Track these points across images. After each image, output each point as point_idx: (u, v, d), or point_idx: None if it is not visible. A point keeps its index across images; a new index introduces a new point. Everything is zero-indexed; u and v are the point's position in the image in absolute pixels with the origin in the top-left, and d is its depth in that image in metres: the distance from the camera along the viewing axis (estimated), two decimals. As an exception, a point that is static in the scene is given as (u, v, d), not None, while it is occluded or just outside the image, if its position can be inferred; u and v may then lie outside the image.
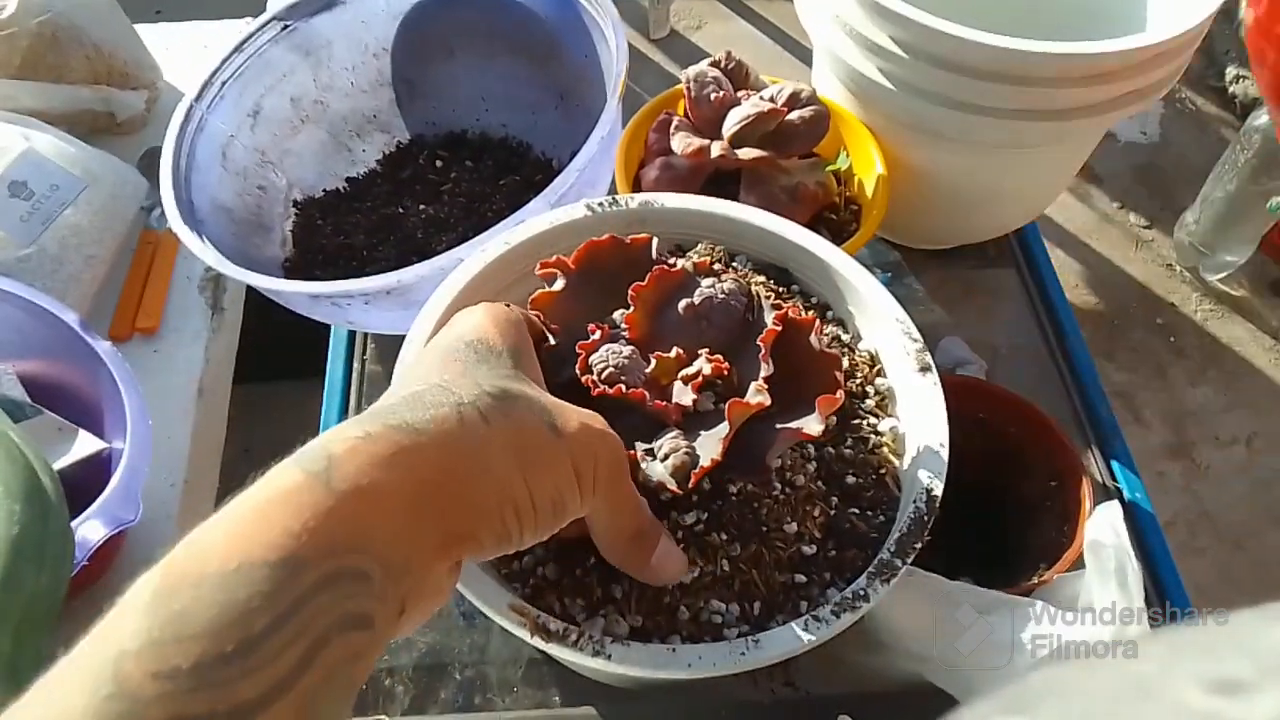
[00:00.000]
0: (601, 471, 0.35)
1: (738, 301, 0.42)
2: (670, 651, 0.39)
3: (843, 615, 0.40)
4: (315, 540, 0.28)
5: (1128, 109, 0.66)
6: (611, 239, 0.44)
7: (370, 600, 0.29)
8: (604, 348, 0.41)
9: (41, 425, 0.65)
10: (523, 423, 0.34)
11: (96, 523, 0.57)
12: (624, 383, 0.39)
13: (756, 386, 0.39)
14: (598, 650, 0.39)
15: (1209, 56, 1.88)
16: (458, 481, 0.32)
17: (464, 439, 0.32)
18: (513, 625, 0.40)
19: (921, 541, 0.42)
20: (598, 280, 0.44)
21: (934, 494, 0.43)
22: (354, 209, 0.83)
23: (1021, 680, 0.17)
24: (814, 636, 0.39)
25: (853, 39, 0.67)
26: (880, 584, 0.41)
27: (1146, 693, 0.15)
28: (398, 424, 0.31)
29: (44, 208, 0.77)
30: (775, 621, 0.41)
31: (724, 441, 0.38)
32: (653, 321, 0.42)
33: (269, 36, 0.77)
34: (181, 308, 0.85)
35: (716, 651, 0.39)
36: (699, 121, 0.68)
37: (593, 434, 0.35)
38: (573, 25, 0.76)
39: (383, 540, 0.29)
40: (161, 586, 0.27)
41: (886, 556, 0.42)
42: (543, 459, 0.34)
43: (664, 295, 0.42)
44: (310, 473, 0.29)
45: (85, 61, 0.91)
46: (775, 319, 0.40)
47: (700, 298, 0.42)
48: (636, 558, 0.39)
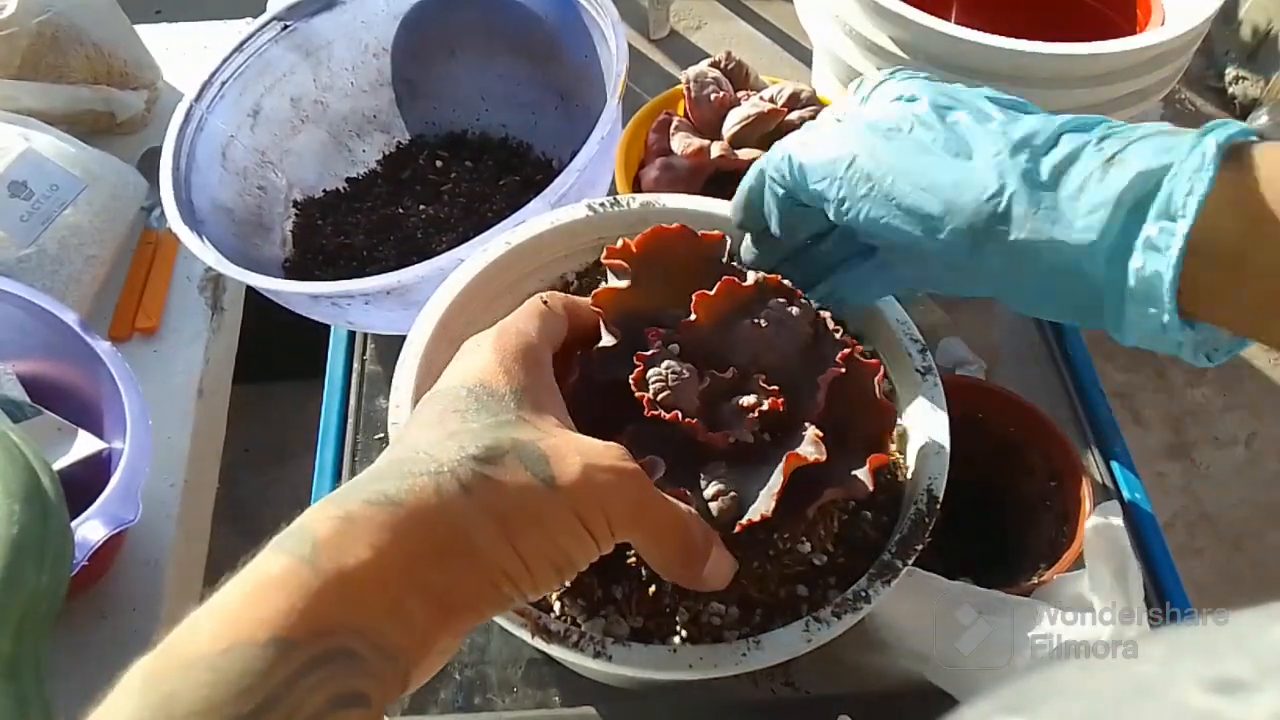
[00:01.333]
0: (617, 513, 0.34)
1: (803, 329, 0.40)
2: (671, 652, 0.39)
3: (844, 616, 0.40)
4: (304, 622, 0.28)
5: (1128, 109, 0.67)
6: (682, 229, 0.42)
7: (363, 679, 0.29)
8: (663, 364, 0.39)
9: (41, 425, 0.65)
10: (510, 484, 0.32)
11: (96, 523, 0.57)
12: (680, 409, 0.38)
13: (813, 437, 0.37)
14: (599, 651, 0.39)
15: (1208, 57, 1.88)
16: (441, 557, 0.31)
17: (442, 513, 0.31)
18: (514, 626, 0.40)
19: (923, 542, 0.42)
20: (661, 270, 0.42)
21: (935, 495, 0.43)
22: (354, 209, 0.83)
23: (1021, 680, 0.17)
24: (815, 638, 0.39)
25: (852, 39, 0.67)
26: (881, 585, 0.41)
27: (1146, 692, 0.15)
28: (377, 499, 0.31)
29: (44, 208, 0.77)
30: (776, 623, 0.41)
31: (775, 496, 0.36)
32: (713, 330, 0.40)
33: (269, 36, 0.77)
34: (181, 308, 0.85)
35: (718, 653, 0.39)
36: (699, 122, 0.68)
37: (599, 479, 0.33)
38: (573, 25, 0.76)
39: (373, 619, 0.29)
40: (153, 670, 0.27)
41: (888, 557, 0.42)
42: (535, 520, 0.32)
43: (731, 306, 0.41)
44: (296, 556, 0.29)
45: (85, 61, 0.91)
46: (840, 358, 0.39)
47: (767, 320, 0.40)
48: (689, 573, 0.37)
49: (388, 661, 0.30)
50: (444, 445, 0.33)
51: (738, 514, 0.37)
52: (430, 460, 0.32)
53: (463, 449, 0.32)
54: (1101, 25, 0.75)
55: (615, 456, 0.34)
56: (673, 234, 0.42)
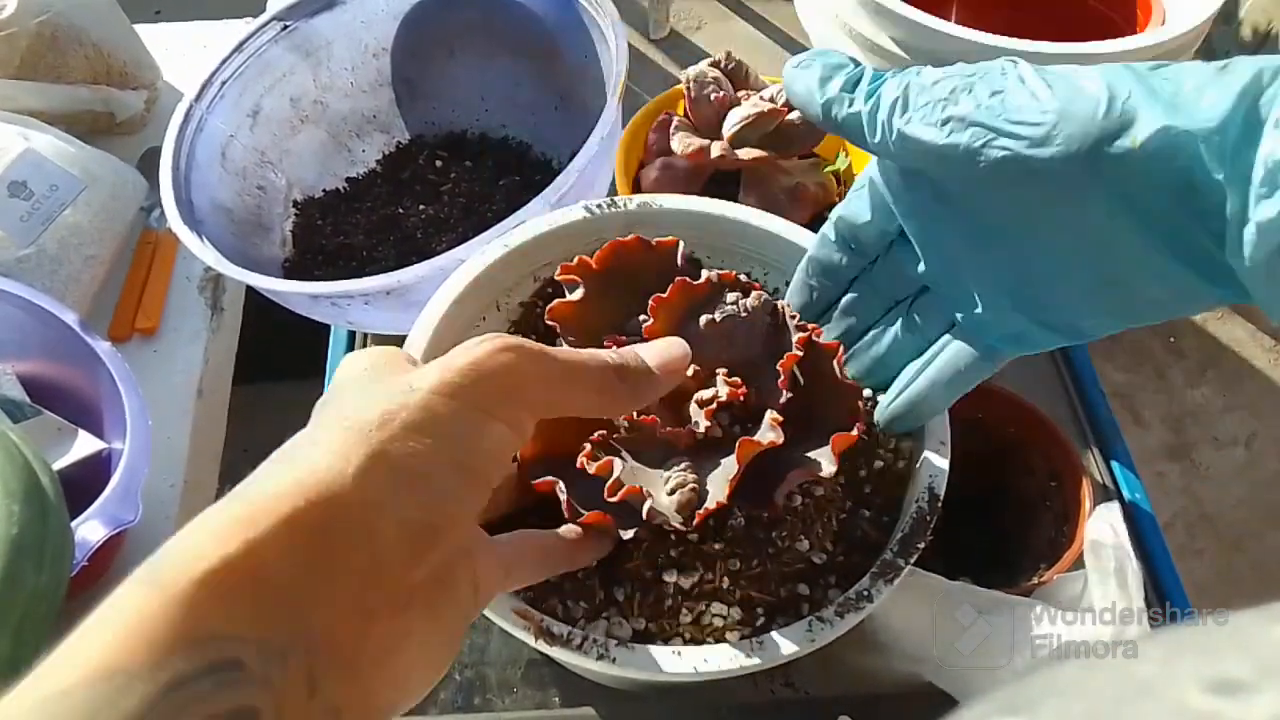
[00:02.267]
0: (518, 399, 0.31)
1: (760, 320, 0.41)
2: (675, 655, 0.39)
3: (847, 615, 0.40)
4: (147, 648, 0.24)
5: (1127, 109, 0.66)
6: (637, 239, 0.43)
7: (243, 689, 0.25)
8: None
9: (41, 425, 0.65)
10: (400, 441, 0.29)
11: (96, 523, 0.57)
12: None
13: (770, 421, 0.38)
14: (602, 654, 0.39)
15: (1208, 57, 1.87)
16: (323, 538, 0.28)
17: (319, 492, 0.28)
18: (517, 629, 0.40)
19: (924, 541, 0.42)
20: (621, 282, 0.42)
21: (936, 493, 0.43)
22: (354, 209, 0.83)
23: (1021, 680, 0.17)
24: (819, 638, 0.39)
25: (853, 39, 0.67)
26: (884, 584, 0.41)
27: (1146, 693, 0.15)
28: (239, 493, 0.28)
29: (43, 208, 0.77)
30: (777, 623, 0.41)
31: (731, 483, 0.37)
32: (673, 333, 0.41)
33: (269, 36, 0.77)
34: (181, 308, 0.85)
35: (720, 654, 0.39)
36: (699, 122, 0.68)
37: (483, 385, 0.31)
38: (573, 25, 0.76)
39: (242, 623, 0.26)
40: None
41: (889, 557, 0.42)
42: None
43: (686, 307, 0.41)
44: (136, 578, 0.26)
45: (85, 61, 0.91)
46: (798, 343, 0.39)
47: (722, 314, 0.41)
48: (629, 401, 0.35)
49: (276, 666, 0.26)
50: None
51: (698, 504, 0.37)
52: (307, 440, 0.30)
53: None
54: (1101, 25, 0.75)
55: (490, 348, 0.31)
56: (630, 246, 0.43)
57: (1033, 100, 0.33)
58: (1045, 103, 0.33)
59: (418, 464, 0.29)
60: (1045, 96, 0.33)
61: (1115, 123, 0.32)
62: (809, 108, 0.39)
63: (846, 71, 0.38)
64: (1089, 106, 0.32)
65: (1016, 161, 0.33)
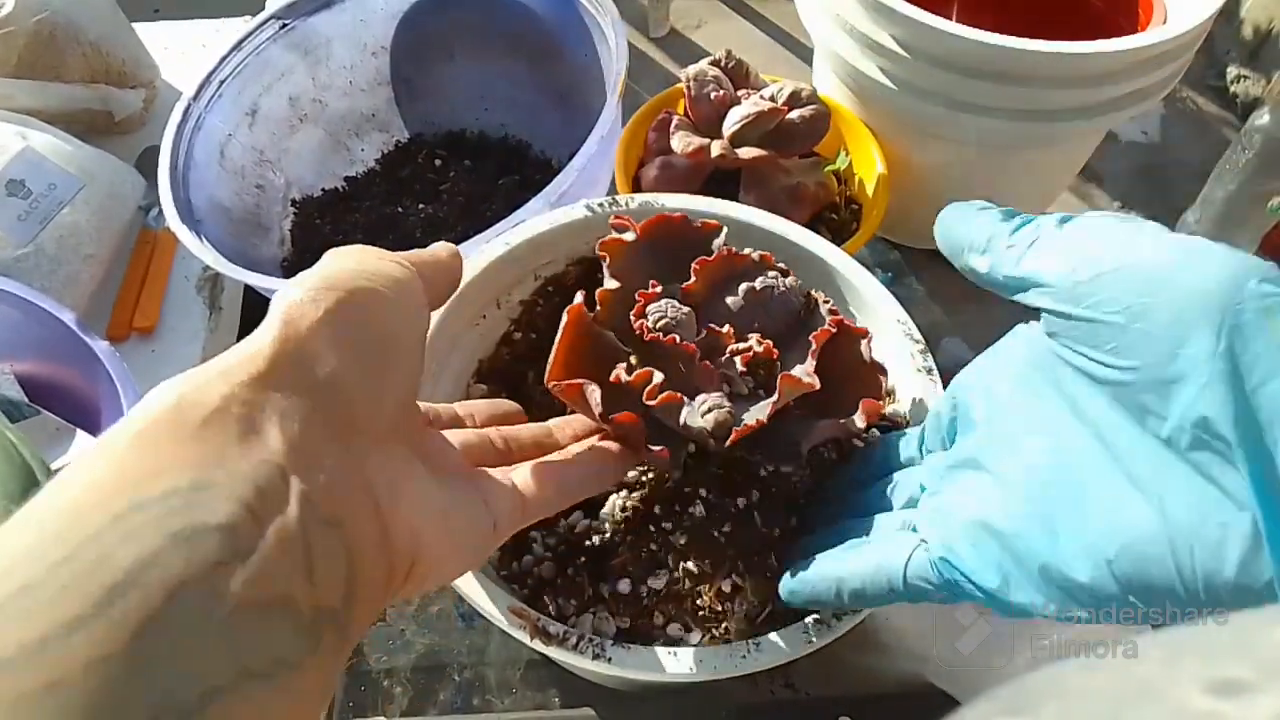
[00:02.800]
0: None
1: (795, 298, 0.42)
2: (671, 655, 0.39)
3: (844, 618, 0.40)
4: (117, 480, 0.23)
5: (1129, 109, 0.66)
6: (683, 217, 0.44)
7: (219, 505, 0.23)
8: (664, 300, 0.40)
9: (39, 425, 0.65)
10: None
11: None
12: (678, 333, 0.39)
13: (806, 369, 0.38)
14: (598, 654, 0.39)
15: (1210, 56, 1.87)
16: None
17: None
18: (513, 628, 0.40)
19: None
20: (660, 253, 0.43)
21: None
22: (352, 208, 0.82)
23: (1022, 680, 0.17)
24: (816, 640, 0.39)
25: (853, 38, 0.67)
26: None
27: (1147, 693, 0.15)
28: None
29: (41, 207, 0.77)
30: (770, 626, 0.41)
31: (772, 407, 0.38)
32: (710, 297, 0.42)
33: (267, 35, 0.77)
34: (179, 307, 0.84)
35: (717, 655, 0.39)
36: (699, 120, 0.68)
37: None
38: (572, 24, 0.76)
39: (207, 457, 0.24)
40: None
41: None
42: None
43: (727, 275, 0.42)
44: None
45: (83, 60, 0.91)
46: (831, 321, 0.40)
47: (763, 284, 0.42)
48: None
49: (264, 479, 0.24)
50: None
51: (732, 425, 0.37)
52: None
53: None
54: (1103, 24, 0.75)
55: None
56: (674, 221, 0.44)
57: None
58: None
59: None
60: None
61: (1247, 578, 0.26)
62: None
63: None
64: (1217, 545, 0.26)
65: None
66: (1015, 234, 0.34)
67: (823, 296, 0.42)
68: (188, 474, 0.23)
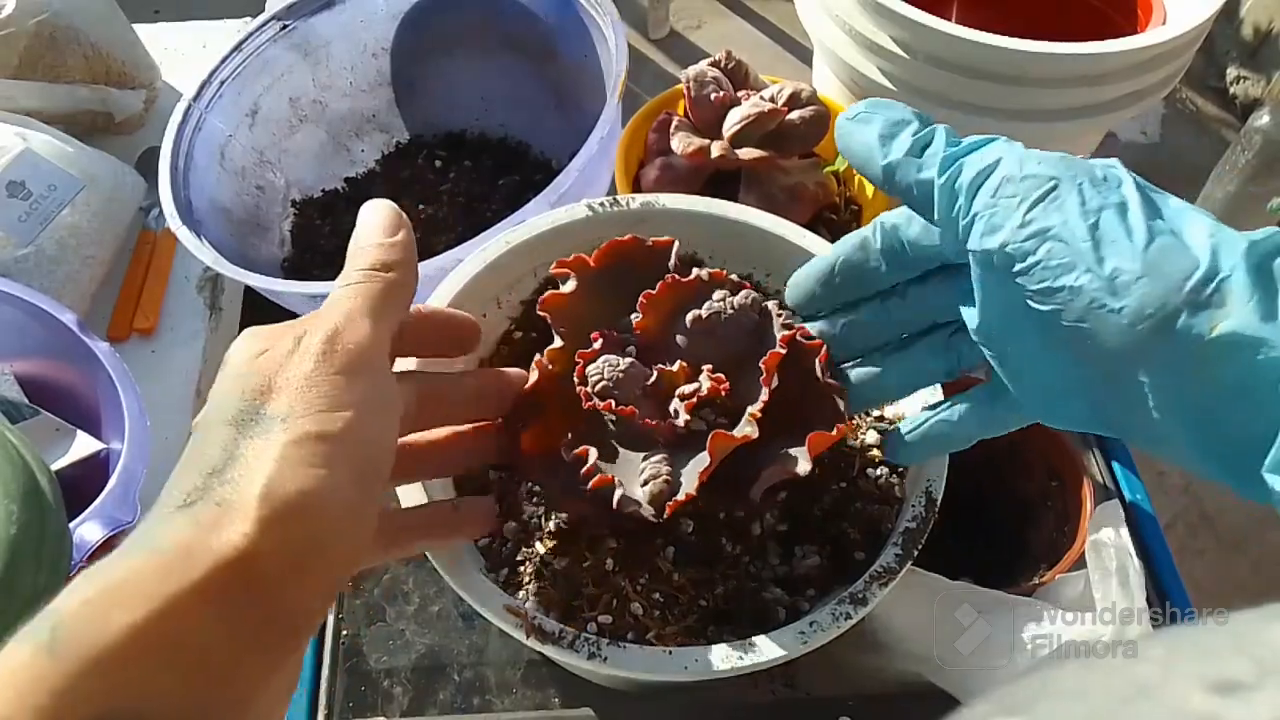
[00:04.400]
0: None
1: (747, 318, 0.41)
2: (666, 654, 0.39)
3: (840, 620, 0.40)
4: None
5: (1129, 109, 0.66)
6: (634, 239, 0.43)
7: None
8: (602, 359, 0.40)
9: (39, 426, 0.65)
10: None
11: (94, 524, 0.57)
12: (615, 397, 0.39)
13: (748, 417, 0.38)
14: (593, 653, 0.39)
15: (1209, 57, 1.87)
16: (219, 603, 0.27)
17: (212, 555, 0.27)
18: (507, 626, 0.40)
19: (919, 546, 0.42)
20: (618, 280, 0.43)
21: (934, 497, 0.43)
22: (353, 209, 0.82)
23: (1022, 680, 0.17)
24: (811, 641, 0.39)
25: (852, 38, 0.67)
26: (878, 587, 0.41)
27: (1146, 693, 0.15)
28: (138, 548, 0.27)
29: (42, 208, 0.77)
30: (744, 628, 0.41)
31: (701, 475, 0.37)
32: (662, 329, 0.41)
33: (268, 36, 0.77)
34: (179, 308, 0.84)
35: (714, 654, 0.39)
36: (699, 121, 0.68)
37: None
38: (572, 25, 0.76)
39: (153, 700, 0.25)
40: None
41: (885, 561, 0.41)
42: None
43: (675, 304, 0.41)
44: (36, 643, 0.24)
45: (83, 61, 0.91)
46: (781, 341, 0.39)
47: (708, 310, 0.40)
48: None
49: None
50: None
51: (670, 495, 0.37)
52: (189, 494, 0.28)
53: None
54: (1102, 24, 0.75)
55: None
56: (628, 245, 0.43)
57: (1126, 238, 0.29)
58: (1137, 246, 0.29)
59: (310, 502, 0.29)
60: (1140, 240, 0.29)
61: (1201, 300, 0.28)
62: (867, 167, 0.35)
63: (914, 130, 0.34)
64: (1181, 269, 0.28)
65: (1084, 295, 0.29)
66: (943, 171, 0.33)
67: (775, 307, 0.41)
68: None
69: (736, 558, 0.43)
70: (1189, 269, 0.28)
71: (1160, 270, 0.28)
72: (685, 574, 0.43)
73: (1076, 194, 0.30)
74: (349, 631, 0.62)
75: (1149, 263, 0.28)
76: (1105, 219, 0.29)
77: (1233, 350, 0.27)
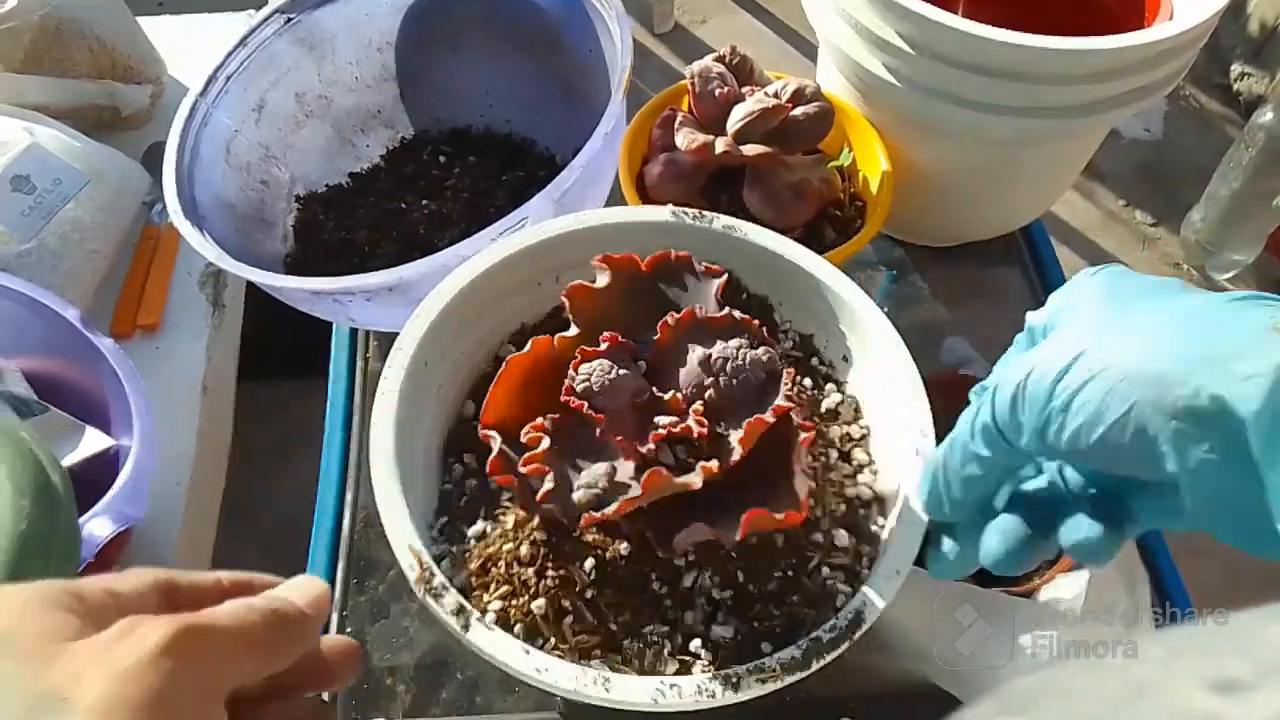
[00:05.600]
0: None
1: (755, 374, 0.40)
2: (673, 688, 0.39)
3: (702, 695, 0.39)
4: None
5: (1133, 105, 0.66)
6: (687, 257, 0.43)
7: None
8: (598, 361, 0.40)
9: (50, 422, 0.65)
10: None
11: (104, 520, 0.57)
12: (593, 401, 0.39)
13: (701, 469, 0.38)
14: (465, 625, 0.40)
15: (1214, 54, 1.87)
16: None
17: None
18: (405, 564, 0.42)
19: (820, 659, 0.41)
20: (657, 291, 0.43)
21: (860, 622, 0.41)
22: (357, 204, 0.82)
23: (1022, 680, 0.17)
24: (662, 702, 0.39)
25: (858, 34, 0.67)
26: (755, 682, 0.40)
27: (1147, 693, 0.15)
28: None
29: (46, 202, 0.77)
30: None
31: (624, 503, 0.37)
32: (676, 354, 0.42)
33: (272, 30, 0.77)
34: (183, 304, 0.85)
35: (715, 683, 0.39)
36: (703, 117, 0.68)
37: None
38: (577, 20, 0.75)
39: None
40: None
41: (780, 657, 0.41)
42: None
43: (696, 334, 0.42)
44: None
45: (89, 55, 0.91)
46: (773, 410, 0.38)
47: (719, 354, 0.40)
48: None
49: None
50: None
51: (594, 508, 0.38)
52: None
53: None
54: (1108, 20, 0.74)
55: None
56: (681, 261, 0.44)
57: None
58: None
59: None
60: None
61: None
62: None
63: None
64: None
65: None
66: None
67: (790, 375, 0.40)
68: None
69: (659, 598, 0.43)
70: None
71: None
72: (602, 594, 0.43)
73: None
74: (352, 629, 0.62)
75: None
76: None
77: (1218, 412, 0.28)
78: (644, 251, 0.44)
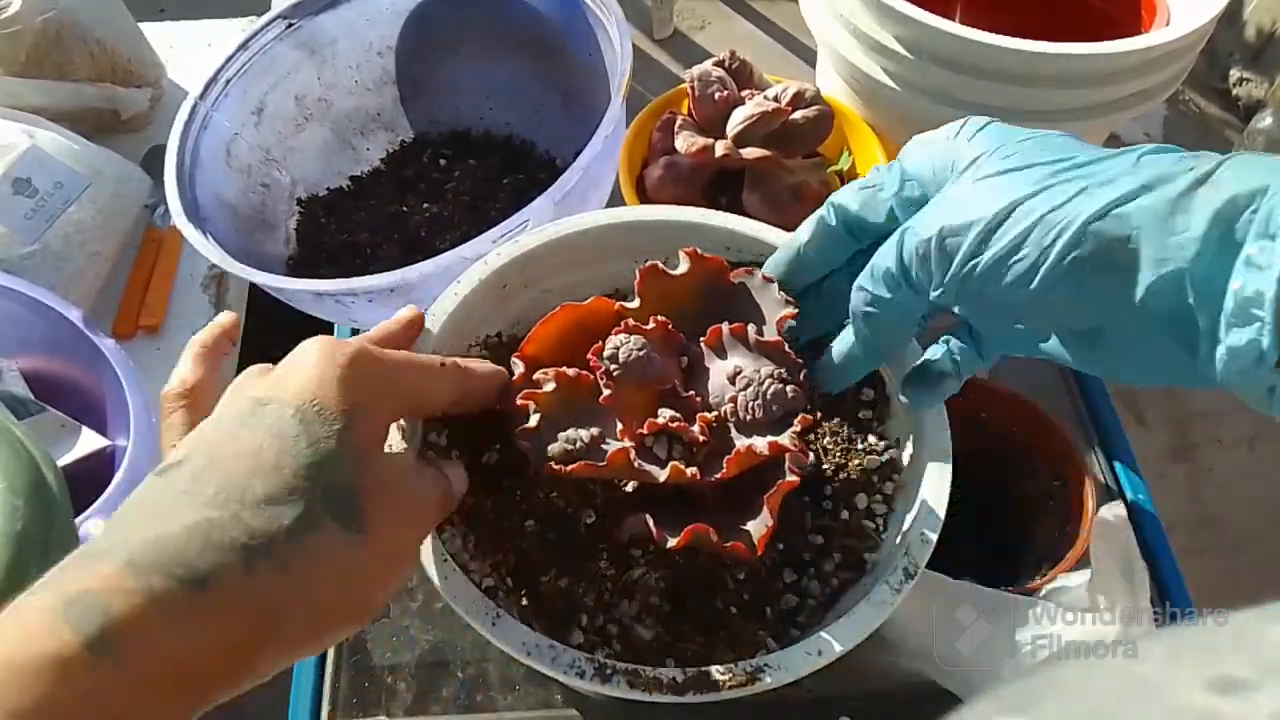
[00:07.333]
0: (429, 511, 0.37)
1: (773, 408, 0.40)
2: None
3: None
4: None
5: (1132, 110, 0.67)
6: (773, 279, 0.43)
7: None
8: (634, 336, 0.40)
9: (45, 422, 0.65)
10: (324, 552, 0.31)
11: (99, 520, 0.57)
12: (611, 371, 0.39)
13: (672, 468, 0.38)
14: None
15: (1212, 58, 1.87)
16: (249, 643, 0.29)
17: (253, 595, 0.29)
18: None
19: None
20: (727, 298, 0.43)
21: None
22: (358, 207, 0.83)
23: (1023, 680, 0.17)
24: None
25: (857, 38, 0.67)
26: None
27: (1146, 692, 0.15)
28: (184, 576, 0.28)
29: (48, 205, 0.78)
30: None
31: (585, 465, 0.38)
32: (712, 359, 0.42)
33: (273, 34, 0.77)
34: (185, 305, 0.85)
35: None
36: (703, 121, 0.68)
37: (405, 495, 0.35)
38: (577, 24, 0.76)
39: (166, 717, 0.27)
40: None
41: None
42: (345, 581, 0.32)
43: (740, 350, 0.42)
44: (85, 637, 0.25)
45: (89, 59, 0.91)
46: (770, 446, 0.38)
47: (740, 376, 0.41)
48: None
49: None
50: (254, 517, 0.30)
51: (563, 461, 0.39)
52: (242, 528, 0.29)
53: (277, 521, 0.30)
54: (1106, 25, 0.75)
55: (439, 491, 0.37)
56: (763, 280, 0.43)
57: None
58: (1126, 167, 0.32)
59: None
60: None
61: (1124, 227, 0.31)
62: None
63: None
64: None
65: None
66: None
67: (800, 419, 0.39)
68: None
69: (603, 577, 0.43)
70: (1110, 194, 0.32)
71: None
72: (552, 556, 0.43)
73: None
74: (353, 628, 0.62)
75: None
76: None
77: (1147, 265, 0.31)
78: (667, 248, 0.44)
